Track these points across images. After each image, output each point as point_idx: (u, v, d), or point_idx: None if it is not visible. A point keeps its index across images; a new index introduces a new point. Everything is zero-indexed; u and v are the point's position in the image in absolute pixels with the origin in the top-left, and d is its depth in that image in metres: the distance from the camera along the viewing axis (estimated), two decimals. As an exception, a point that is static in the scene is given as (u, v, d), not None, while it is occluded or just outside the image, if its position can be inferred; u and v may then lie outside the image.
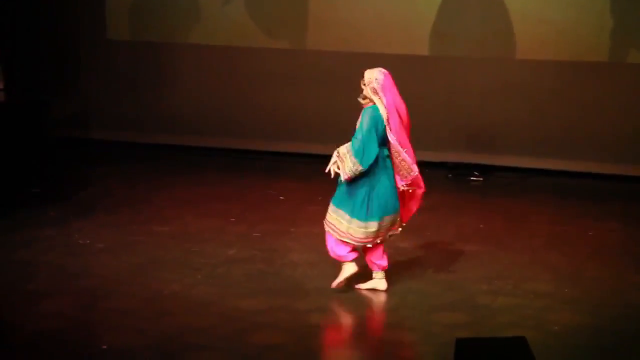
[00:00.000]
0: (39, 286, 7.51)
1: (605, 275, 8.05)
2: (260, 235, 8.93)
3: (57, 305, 7.13)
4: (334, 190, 7.57)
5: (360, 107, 7.42)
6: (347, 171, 7.25)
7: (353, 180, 7.28)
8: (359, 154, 7.21)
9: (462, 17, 11.58)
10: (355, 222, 7.31)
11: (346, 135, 10.34)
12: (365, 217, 7.29)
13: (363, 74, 7.39)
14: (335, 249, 7.45)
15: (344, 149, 7.30)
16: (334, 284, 7.48)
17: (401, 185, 7.36)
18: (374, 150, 7.23)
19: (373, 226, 7.31)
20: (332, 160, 7.35)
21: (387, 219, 7.36)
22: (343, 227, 7.35)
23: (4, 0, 11.32)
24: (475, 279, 7.85)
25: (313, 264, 8.11)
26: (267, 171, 11.53)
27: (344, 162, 7.27)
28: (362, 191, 7.30)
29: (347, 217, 7.33)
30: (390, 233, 7.47)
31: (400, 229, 7.50)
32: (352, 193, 7.33)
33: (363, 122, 7.27)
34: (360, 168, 7.22)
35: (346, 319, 7.11)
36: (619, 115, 11.28)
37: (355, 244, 7.37)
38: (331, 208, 7.44)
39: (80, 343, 6.53)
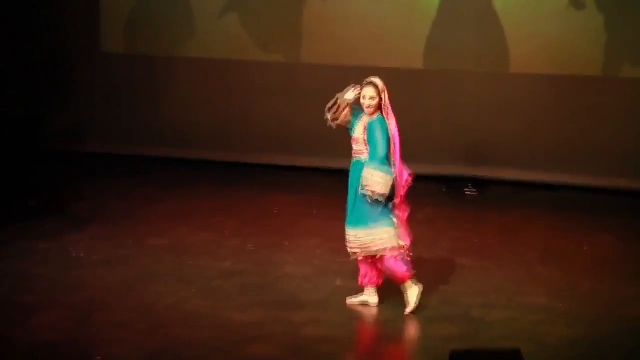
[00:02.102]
0: (34, 299, 7.51)
1: (600, 289, 8.07)
2: (255, 249, 8.94)
3: (51, 317, 7.13)
4: (329, 203, 7.61)
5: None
6: (382, 188, 7.08)
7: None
8: (385, 167, 7.10)
9: (457, 30, 11.64)
10: (358, 231, 7.26)
11: (339, 148, 10.39)
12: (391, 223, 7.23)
13: (370, 82, 7.21)
14: (396, 267, 7.30)
15: (368, 175, 7.09)
16: (409, 310, 7.36)
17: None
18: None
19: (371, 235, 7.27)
20: (365, 193, 7.15)
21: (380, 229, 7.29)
22: (383, 241, 7.23)
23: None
24: (470, 293, 7.87)
25: (307, 276, 8.13)
26: (262, 184, 11.55)
27: (373, 184, 7.08)
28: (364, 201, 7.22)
29: (375, 228, 7.21)
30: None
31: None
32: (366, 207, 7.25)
33: (379, 135, 7.10)
34: (390, 178, 7.10)
35: (341, 332, 7.11)
36: (613, 128, 11.34)
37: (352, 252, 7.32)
38: (362, 232, 7.24)
39: (75, 356, 6.54)
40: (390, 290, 7.64)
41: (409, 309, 7.34)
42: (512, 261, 8.75)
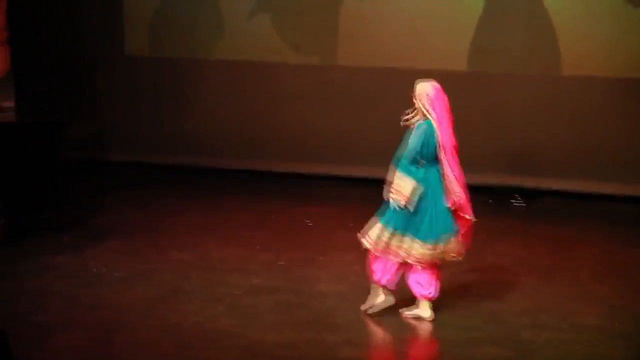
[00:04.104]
0: (51, 318, 7.56)
1: (660, 308, 8.02)
2: (287, 264, 8.95)
3: (69, 338, 7.17)
4: (365, 214, 7.60)
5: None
6: (411, 197, 7.29)
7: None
8: (411, 172, 7.28)
9: (503, 31, 11.60)
10: (419, 243, 7.34)
11: (380, 156, 10.32)
12: (432, 237, 7.34)
13: (414, 86, 7.44)
14: (386, 275, 7.49)
15: (397, 182, 7.30)
16: (365, 307, 7.59)
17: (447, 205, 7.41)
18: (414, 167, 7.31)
19: (437, 246, 7.37)
20: (391, 196, 7.34)
21: (445, 239, 7.40)
22: (404, 248, 7.38)
23: (17, 14, 11.45)
24: (518, 312, 7.83)
25: (343, 294, 8.11)
26: (294, 195, 11.56)
27: (401, 192, 7.29)
28: (426, 210, 7.33)
29: (409, 237, 7.36)
30: (446, 257, 7.48)
31: (458, 256, 7.50)
32: (414, 213, 7.34)
33: (411, 139, 7.33)
34: (417, 186, 7.29)
35: (378, 354, 7.09)
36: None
37: (416, 263, 7.40)
38: (389, 232, 7.42)
39: (94, 379, 6.58)
40: (435, 308, 7.61)
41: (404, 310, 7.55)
42: (564, 278, 8.70)
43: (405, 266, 7.51)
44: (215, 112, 12.55)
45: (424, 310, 7.56)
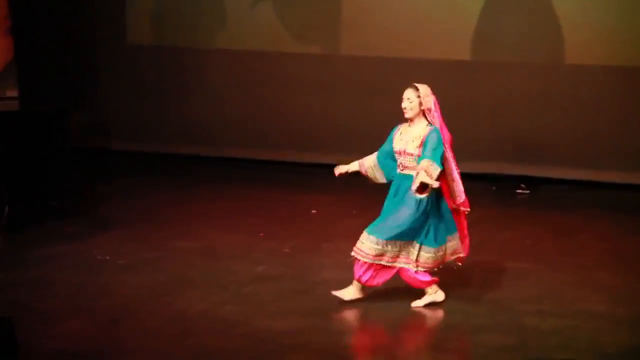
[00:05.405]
0: (56, 306, 7.55)
1: (664, 294, 8.01)
2: (291, 252, 8.95)
3: (75, 325, 7.17)
4: (370, 202, 7.61)
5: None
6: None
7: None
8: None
9: (507, 20, 11.59)
10: (425, 249, 7.35)
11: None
12: (435, 243, 7.37)
13: (411, 84, 7.33)
14: (421, 278, 7.46)
15: (427, 170, 7.17)
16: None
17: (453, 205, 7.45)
18: None
19: (442, 250, 7.40)
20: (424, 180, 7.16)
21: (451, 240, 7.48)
22: (413, 257, 7.37)
23: (19, 3, 11.44)
24: (523, 299, 7.82)
25: (347, 282, 8.09)
26: (298, 184, 11.56)
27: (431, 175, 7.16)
28: (430, 217, 7.33)
29: (417, 246, 7.36)
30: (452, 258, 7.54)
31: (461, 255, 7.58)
32: (419, 220, 7.32)
33: (438, 143, 7.21)
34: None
35: (383, 341, 7.10)
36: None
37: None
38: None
39: (100, 365, 6.58)
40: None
41: (416, 303, 7.48)
42: (569, 265, 8.70)
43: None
44: (218, 101, 12.56)
45: (438, 294, 7.54)
